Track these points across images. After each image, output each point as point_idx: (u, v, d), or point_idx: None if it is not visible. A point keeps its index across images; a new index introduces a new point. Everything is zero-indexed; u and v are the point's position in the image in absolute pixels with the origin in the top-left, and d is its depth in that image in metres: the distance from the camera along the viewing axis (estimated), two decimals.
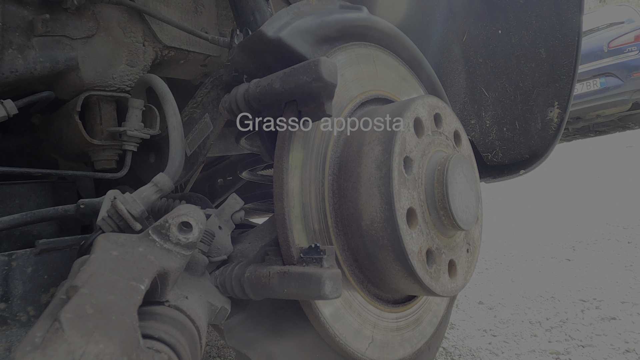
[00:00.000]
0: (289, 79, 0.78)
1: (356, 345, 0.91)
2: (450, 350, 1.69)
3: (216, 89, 1.05)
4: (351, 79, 0.99)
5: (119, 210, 0.77)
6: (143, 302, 0.48)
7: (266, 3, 1.06)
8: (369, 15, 1.05)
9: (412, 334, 1.07)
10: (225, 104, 0.89)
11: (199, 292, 0.71)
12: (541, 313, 2.00)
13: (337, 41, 0.98)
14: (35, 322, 0.42)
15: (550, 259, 2.95)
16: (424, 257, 0.91)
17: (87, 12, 1.06)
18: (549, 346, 1.65)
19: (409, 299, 1.08)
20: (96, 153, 1.14)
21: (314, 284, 0.70)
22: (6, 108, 0.92)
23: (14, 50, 0.97)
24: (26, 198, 1.05)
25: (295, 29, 0.88)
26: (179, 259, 0.57)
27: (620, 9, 8.34)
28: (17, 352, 0.38)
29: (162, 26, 1.18)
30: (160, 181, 0.86)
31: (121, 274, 0.48)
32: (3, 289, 0.78)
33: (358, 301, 0.93)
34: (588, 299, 2.10)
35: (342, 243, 0.93)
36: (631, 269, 2.52)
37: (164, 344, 0.51)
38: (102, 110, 1.13)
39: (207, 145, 1.06)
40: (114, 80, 1.12)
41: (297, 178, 0.84)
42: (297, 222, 0.83)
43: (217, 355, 1.77)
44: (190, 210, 0.60)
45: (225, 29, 1.36)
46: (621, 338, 1.66)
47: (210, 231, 0.82)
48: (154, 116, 1.16)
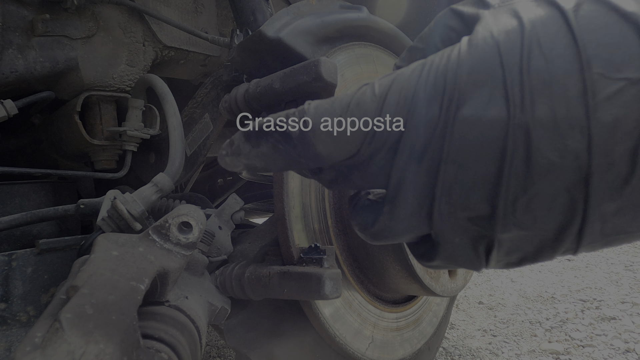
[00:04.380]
0: (289, 79, 0.78)
1: (356, 345, 0.91)
2: (450, 350, 1.69)
3: (216, 89, 1.05)
4: (351, 79, 0.99)
5: (119, 210, 0.77)
6: (143, 302, 0.48)
7: (266, 3, 1.06)
8: (369, 15, 1.05)
9: (412, 334, 1.07)
10: (225, 104, 0.89)
11: (199, 292, 0.71)
12: (541, 313, 2.00)
13: (337, 41, 0.98)
14: (35, 322, 0.42)
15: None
16: None
17: (87, 12, 1.06)
18: (549, 346, 1.65)
19: (409, 299, 1.08)
20: (96, 153, 1.14)
21: (314, 284, 0.70)
22: (6, 108, 0.92)
23: (14, 50, 0.97)
24: (26, 198, 1.05)
25: (295, 29, 0.88)
26: (179, 259, 0.57)
27: None
28: (17, 352, 0.38)
29: (162, 26, 1.18)
30: (160, 181, 0.86)
31: (121, 274, 0.48)
32: (3, 289, 0.78)
33: (358, 301, 0.93)
34: (588, 299, 2.10)
35: (342, 243, 0.93)
36: (631, 269, 2.52)
37: (164, 344, 0.51)
38: (102, 110, 1.13)
39: (207, 145, 1.06)
40: (114, 80, 1.12)
41: (297, 178, 0.84)
42: (297, 222, 0.83)
43: (217, 355, 1.77)
44: (190, 210, 0.60)
45: (225, 29, 1.36)
46: (621, 338, 1.66)
47: (210, 231, 0.82)
48: (154, 116, 1.16)
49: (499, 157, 0.38)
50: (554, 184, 0.37)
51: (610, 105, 0.34)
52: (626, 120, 0.33)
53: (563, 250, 0.40)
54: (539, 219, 0.38)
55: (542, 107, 0.35)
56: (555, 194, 0.37)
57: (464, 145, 0.39)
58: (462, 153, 0.39)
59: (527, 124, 0.36)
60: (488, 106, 0.37)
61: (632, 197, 0.35)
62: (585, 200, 0.36)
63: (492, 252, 0.41)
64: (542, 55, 0.36)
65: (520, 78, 0.36)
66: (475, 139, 0.38)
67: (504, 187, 0.38)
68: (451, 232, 0.42)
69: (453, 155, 0.39)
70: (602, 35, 0.34)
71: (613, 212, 0.36)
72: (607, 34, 0.34)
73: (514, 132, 0.37)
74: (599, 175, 0.35)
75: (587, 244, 0.38)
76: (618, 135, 0.34)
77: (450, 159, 0.40)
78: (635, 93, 0.33)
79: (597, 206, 0.36)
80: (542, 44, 0.36)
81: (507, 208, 0.38)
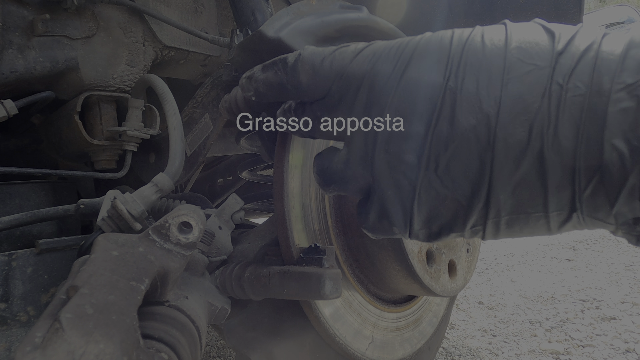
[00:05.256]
0: None
1: (356, 345, 0.91)
2: (450, 350, 1.69)
3: (216, 89, 1.05)
4: None
5: (119, 210, 0.77)
6: (143, 302, 0.48)
7: (266, 3, 1.06)
8: (369, 15, 1.05)
9: (412, 334, 1.07)
10: (225, 104, 0.89)
11: (199, 292, 0.71)
12: (541, 313, 2.00)
13: (337, 41, 0.98)
14: (35, 322, 0.42)
15: (550, 259, 2.95)
16: (424, 257, 0.91)
17: (87, 12, 1.06)
18: (549, 346, 1.65)
19: (409, 299, 1.08)
20: (96, 153, 1.14)
21: (314, 284, 0.70)
22: (6, 108, 0.92)
23: (14, 50, 0.97)
24: (26, 198, 1.05)
25: (296, 29, 0.88)
26: (179, 259, 0.57)
27: (620, 9, 8.33)
28: (17, 352, 0.38)
29: (162, 26, 1.18)
30: (160, 181, 0.86)
31: (121, 274, 0.48)
32: (3, 289, 0.78)
33: (358, 301, 0.93)
34: (588, 299, 2.10)
35: (342, 243, 0.93)
36: (631, 269, 2.52)
37: (164, 344, 0.51)
38: (102, 110, 1.13)
39: (207, 145, 1.06)
40: (114, 80, 1.12)
41: (297, 178, 0.84)
42: (297, 222, 0.83)
43: (217, 355, 1.77)
44: (190, 210, 0.60)
45: (225, 29, 1.36)
46: (621, 338, 1.66)
47: (210, 231, 0.82)
48: (154, 116, 1.16)
49: (429, 114, 0.45)
50: (470, 146, 0.43)
51: (519, 82, 0.42)
52: (528, 95, 0.41)
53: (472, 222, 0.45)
54: (456, 180, 0.44)
55: (471, 77, 0.44)
56: (470, 157, 0.43)
57: (405, 99, 0.47)
58: (402, 106, 0.47)
59: (456, 89, 0.44)
60: (430, 71, 0.46)
61: (529, 173, 0.41)
62: (491, 165, 0.42)
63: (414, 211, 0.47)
64: (482, 41, 0.45)
65: (461, 54, 0.45)
66: (413, 95, 0.47)
67: (429, 140, 0.45)
68: (385, 182, 0.48)
69: (395, 105, 0.48)
70: (526, 34, 0.44)
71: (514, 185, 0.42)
72: (530, 34, 0.44)
73: (445, 95, 0.44)
74: (502, 142, 0.42)
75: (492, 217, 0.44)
76: (520, 106, 0.41)
77: (393, 109, 0.48)
78: (539, 76, 0.41)
79: (500, 171, 0.42)
80: (484, 34, 0.46)
81: (430, 162, 0.45)
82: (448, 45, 0.46)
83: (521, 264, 2.87)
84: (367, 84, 0.49)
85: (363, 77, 0.50)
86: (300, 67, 0.55)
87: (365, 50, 0.52)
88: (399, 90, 0.47)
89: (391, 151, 0.47)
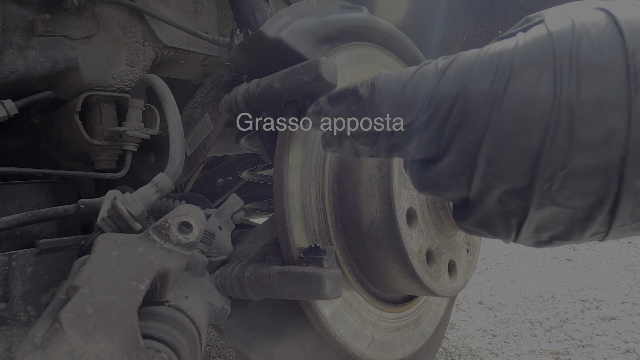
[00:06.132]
0: (289, 79, 0.78)
1: (356, 345, 0.91)
2: (450, 350, 1.69)
3: (216, 89, 1.05)
4: (351, 79, 0.99)
5: (119, 210, 0.77)
6: (143, 302, 0.48)
7: (266, 3, 1.06)
8: (369, 15, 1.05)
9: (412, 334, 1.07)
10: (225, 104, 0.89)
11: (199, 292, 0.71)
12: (541, 313, 2.00)
13: (337, 41, 0.98)
14: (35, 322, 0.42)
15: (550, 259, 2.95)
16: (424, 257, 0.91)
17: (87, 12, 1.06)
18: (549, 346, 1.65)
19: (409, 299, 1.08)
20: (96, 153, 1.14)
21: (314, 284, 0.70)
22: (6, 108, 0.92)
23: (14, 50, 0.97)
24: (26, 198, 1.05)
25: (295, 29, 0.88)
26: (179, 259, 0.57)
27: None
28: (17, 352, 0.38)
29: (162, 26, 1.18)
30: (160, 181, 0.86)
31: (121, 274, 0.48)
32: (3, 289, 0.78)
33: (358, 301, 0.93)
34: (588, 299, 2.11)
35: (342, 243, 0.93)
36: (631, 269, 2.52)
37: (164, 344, 0.51)
38: (102, 110, 1.13)
39: (207, 145, 1.06)
40: (114, 80, 1.12)
41: (297, 178, 0.84)
42: (297, 222, 0.83)
43: (217, 355, 1.77)
44: (190, 210, 0.60)
45: (225, 29, 1.36)
46: (621, 338, 1.66)
47: (210, 231, 0.82)
48: (154, 116, 1.16)
49: (542, 131, 0.40)
50: (592, 161, 0.39)
51: None
52: None
53: (593, 231, 0.42)
54: (573, 196, 0.40)
55: (587, 88, 0.39)
56: (591, 172, 0.39)
57: (510, 118, 0.42)
58: (507, 124, 0.42)
59: (572, 102, 0.39)
60: (537, 84, 0.41)
61: None
62: (620, 179, 0.38)
63: (523, 226, 0.43)
64: (591, 45, 0.39)
65: (570, 62, 0.40)
66: (521, 113, 0.41)
67: (544, 160, 0.40)
68: (487, 200, 0.45)
69: (498, 125, 0.43)
70: None
71: None
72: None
73: (559, 108, 0.39)
74: (635, 155, 0.37)
75: (618, 226, 0.40)
76: None
77: (495, 129, 0.43)
78: None
79: (631, 185, 0.38)
80: (591, 36, 0.40)
81: (544, 182, 0.41)
82: (551, 51, 0.41)
83: (521, 264, 2.87)
84: (460, 105, 0.45)
85: (455, 98, 0.45)
86: (379, 100, 0.51)
87: (449, 69, 0.47)
88: (502, 109, 0.42)
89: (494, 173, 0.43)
